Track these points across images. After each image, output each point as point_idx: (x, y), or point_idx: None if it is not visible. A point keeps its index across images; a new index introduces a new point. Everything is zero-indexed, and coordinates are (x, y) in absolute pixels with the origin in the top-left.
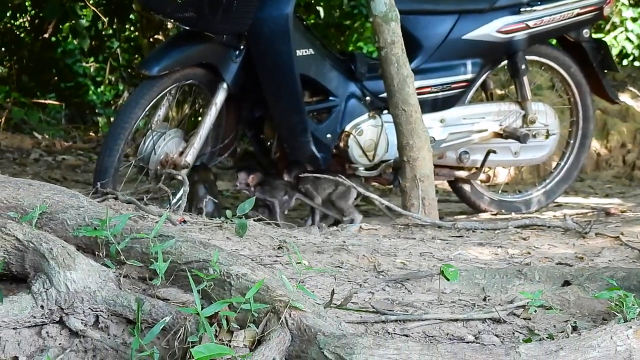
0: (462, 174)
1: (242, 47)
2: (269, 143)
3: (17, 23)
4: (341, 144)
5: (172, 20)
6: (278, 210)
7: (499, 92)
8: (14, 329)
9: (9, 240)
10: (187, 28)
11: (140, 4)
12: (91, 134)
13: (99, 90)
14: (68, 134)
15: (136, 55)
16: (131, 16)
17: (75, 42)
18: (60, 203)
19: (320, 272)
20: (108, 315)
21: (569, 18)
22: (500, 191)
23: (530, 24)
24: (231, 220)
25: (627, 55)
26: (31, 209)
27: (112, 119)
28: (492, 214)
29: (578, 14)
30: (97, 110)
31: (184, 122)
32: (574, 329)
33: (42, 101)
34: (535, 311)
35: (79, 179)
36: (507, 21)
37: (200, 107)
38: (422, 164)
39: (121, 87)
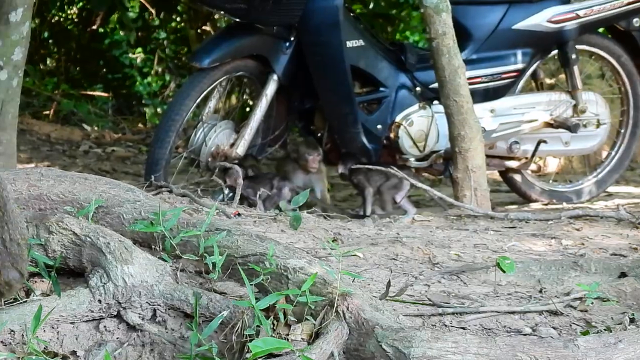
0: (513, 164)
1: (292, 38)
2: (319, 134)
3: (65, 15)
4: (391, 135)
5: (222, 12)
6: (260, 204)
7: (549, 81)
8: (71, 323)
9: (66, 235)
10: (237, 20)
11: None
12: (139, 125)
13: (145, 81)
14: (116, 125)
15: (183, 47)
16: (178, 7)
17: (122, 33)
18: (116, 197)
19: (375, 265)
20: (165, 309)
21: (619, 7)
22: (550, 181)
23: (581, 13)
24: (285, 213)
25: None
26: (87, 203)
27: (159, 109)
28: (543, 204)
29: (628, 3)
30: (144, 101)
31: (234, 114)
32: (632, 320)
33: (90, 93)
34: (592, 303)
35: (129, 170)
36: (557, 11)
37: (250, 98)
38: (474, 155)
39: (168, 78)
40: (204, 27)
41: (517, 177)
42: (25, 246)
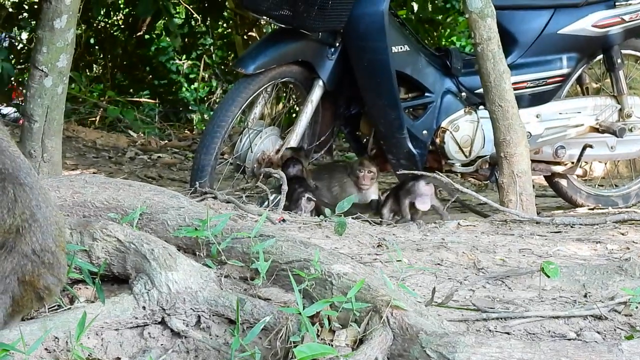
0: (559, 168)
1: (337, 44)
2: (365, 140)
3: (111, 21)
4: (437, 140)
5: (267, 18)
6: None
7: (594, 86)
8: (116, 330)
9: (110, 242)
10: (282, 26)
11: (236, 1)
12: (186, 131)
13: (192, 87)
14: (163, 132)
15: (229, 52)
16: (224, 13)
17: (168, 39)
18: (161, 203)
19: (420, 270)
20: (210, 316)
21: None
22: (596, 185)
23: (626, 17)
24: (330, 219)
25: None
26: (131, 210)
27: (205, 116)
28: (589, 209)
29: None
30: (190, 107)
31: (279, 120)
32: None
33: (137, 99)
34: (637, 307)
35: (175, 177)
36: (602, 15)
37: (295, 104)
38: (520, 160)
39: (214, 84)
40: (250, 33)
41: (563, 182)
42: (63, 253)
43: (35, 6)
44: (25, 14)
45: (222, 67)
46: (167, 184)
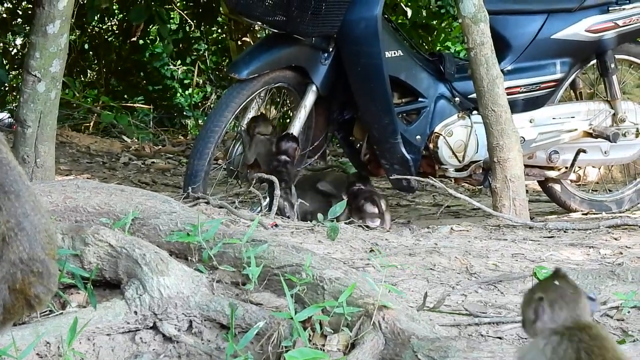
0: (552, 173)
1: (331, 49)
2: (358, 145)
3: (105, 27)
4: (431, 145)
5: (261, 23)
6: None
7: (588, 91)
8: (107, 335)
9: (102, 247)
10: (276, 31)
11: (229, 7)
12: (180, 137)
13: (186, 92)
14: (157, 137)
15: (224, 58)
16: (219, 19)
17: (162, 45)
18: (153, 208)
19: (413, 275)
20: (201, 321)
21: None
22: (590, 190)
23: (620, 22)
24: (322, 224)
25: None
26: (124, 215)
27: (200, 121)
28: (583, 214)
29: None
30: (185, 113)
31: (275, 124)
32: None
33: (131, 105)
34: (629, 312)
35: (169, 182)
36: (596, 20)
37: (289, 109)
38: (513, 165)
39: (209, 90)
40: (244, 39)
41: (557, 187)
42: (53, 261)
43: (29, 12)
44: (19, 20)
45: (217, 72)
46: (161, 190)
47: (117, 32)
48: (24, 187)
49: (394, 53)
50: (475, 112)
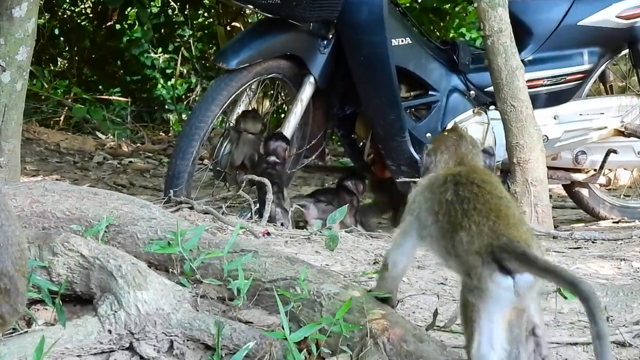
0: (579, 176)
1: (330, 36)
2: (361, 143)
3: (78, 10)
4: None
5: (252, 7)
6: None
7: (619, 84)
8: (78, 356)
9: (72, 257)
10: (269, 15)
11: None
12: (161, 133)
13: (169, 84)
14: (135, 134)
15: (211, 45)
16: (205, 1)
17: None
18: (130, 214)
19: (421, 290)
20: (184, 340)
21: None
22: (622, 196)
23: None
24: (320, 232)
25: None
26: (97, 221)
27: (184, 116)
28: (613, 222)
29: None
30: (167, 107)
31: (266, 121)
32: None
33: (106, 97)
34: None
35: (148, 184)
36: (628, 5)
37: (284, 103)
38: (534, 166)
39: (194, 81)
40: (233, 24)
41: (584, 192)
42: (22, 279)
43: None
44: None
45: (203, 61)
46: (139, 193)
47: (91, 15)
48: None
49: (402, 41)
50: (492, 107)
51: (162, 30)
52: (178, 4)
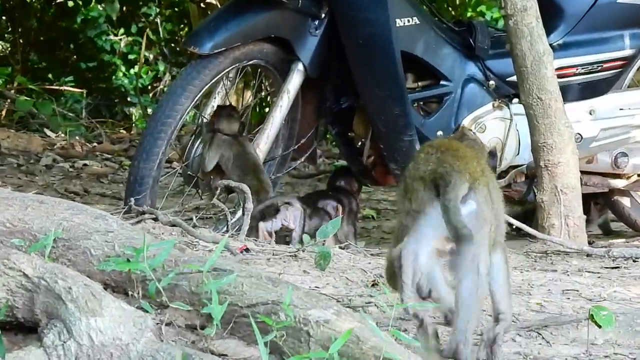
0: (619, 183)
1: (323, 15)
2: (359, 143)
3: None
4: None
5: None
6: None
7: None
8: None
9: (13, 277)
10: None
11: None
12: (121, 131)
13: (131, 71)
14: (91, 132)
15: (182, 26)
16: None
17: (100, 7)
18: (82, 226)
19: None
20: None
21: None
22: None
23: None
24: (309, 248)
25: None
26: (43, 235)
27: (149, 110)
28: None
29: None
30: (129, 99)
31: (246, 116)
32: None
33: (57, 87)
34: None
35: (106, 191)
36: None
37: (268, 95)
38: (565, 171)
39: (161, 68)
40: (208, 0)
41: (625, 201)
42: None
43: None
44: None
45: (172, 45)
46: (95, 201)
47: None
48: None
49: (408, 21)
50: (515, 100)
51: (124, 8)
52: None
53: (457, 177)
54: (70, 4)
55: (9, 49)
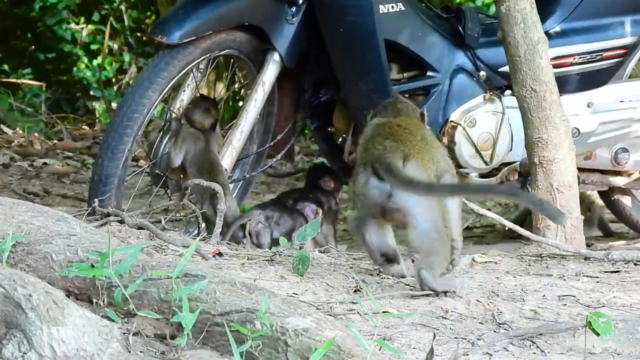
0: (620, 181)
1: (301, 1)
2: (340, 139)
3: None
4: (445, 139)
5: None
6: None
7: None
8: None
9: None
10: None
11: None
12: (84, 127)
13: (94, 63)
14: (51, 128)
15: (148, 13)
16: None
17: None
18: (43, 229)
19: (414, 326)
20: None
21: None
22: None
23: None
24: (286, 252)
25: None
26: (1, 239)
27: (113, 105)
28: None
29: None
30: (92, 93)
31: (218, 109)
32: None
33: (13, 80)
34: None
35: (67, 192)
36: None
37: (242, 87)
38: (561, 168)
39: (127, 59)
40: None
41: (625, 200)
42: None
43: None
44: None
45: (138, 33)
46: (56, 203)
47: None
48: None
49: (392, 7)
50: (508, 92)
51: None
52: None
53: (392, 157)
54: None
55: None
